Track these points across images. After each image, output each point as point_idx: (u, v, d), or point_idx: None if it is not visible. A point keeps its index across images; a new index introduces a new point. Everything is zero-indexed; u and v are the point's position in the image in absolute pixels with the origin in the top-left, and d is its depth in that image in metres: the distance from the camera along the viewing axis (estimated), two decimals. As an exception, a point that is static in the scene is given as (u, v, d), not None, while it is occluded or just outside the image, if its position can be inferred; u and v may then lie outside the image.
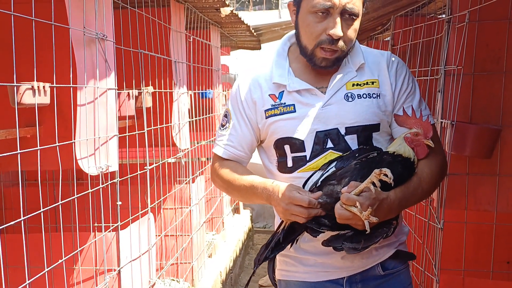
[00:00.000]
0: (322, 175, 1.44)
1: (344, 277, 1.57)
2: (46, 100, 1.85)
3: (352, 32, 1.48)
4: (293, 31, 1.60)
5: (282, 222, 1.51)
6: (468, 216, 2.39)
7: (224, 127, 1.66)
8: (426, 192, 1.51)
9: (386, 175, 1.34)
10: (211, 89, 4.68)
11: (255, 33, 5.91)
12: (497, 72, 2.22)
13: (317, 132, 1.52)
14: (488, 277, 2.47)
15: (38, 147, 1.65)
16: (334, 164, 1.46)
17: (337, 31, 1.44)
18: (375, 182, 1.34)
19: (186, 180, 3.62)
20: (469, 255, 2.46)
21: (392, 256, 1.59)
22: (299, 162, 1.54)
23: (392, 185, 1.36)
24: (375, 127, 1.53)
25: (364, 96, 1.54)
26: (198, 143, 4.20)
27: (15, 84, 1.63)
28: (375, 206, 1.33)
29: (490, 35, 2.22)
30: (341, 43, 1.47)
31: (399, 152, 1.46)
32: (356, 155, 1.46)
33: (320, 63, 1.51)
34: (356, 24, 1.49)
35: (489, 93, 2.23)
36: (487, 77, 2.23)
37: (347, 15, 1.45)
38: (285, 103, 1.56)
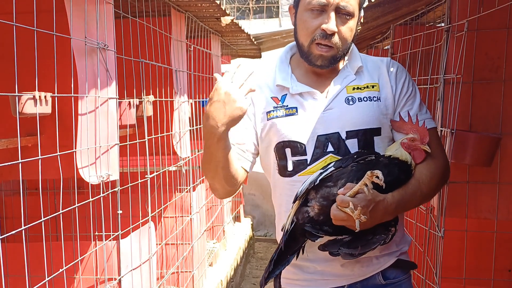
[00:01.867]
0: (321, 174, 1.44)
1: (344, 286, 1.57)
2: (47, 109, 1.86)
3: (347, 30, 1.51)
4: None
5: (282, 236, 1.51)
6: (468, 224, 2.39)
7: None
8: (426, 195, 1.51)
9: (377, 177, 1.34)
10: (212, 97, 4.68)
11: (255, 42, 5.93)
12: (496, 80, 2.23)
13: (318, 135, 1.53)
14: (489, 286, 2.46)
15: (39, 156, 1.66)
16: (332, 164, 1.47)
17: (331, 25, 1.47)
18: (367, 184, 1.35)
19: (186, 188, 3.62)
20: (470, 263, 2.46)
21: (393, 265, 1.59)
22: (300, 166, 1.54)
23: (384, 187, 1.36)
24: (376, 131, 1.54)
25: (365, 99, 1.55)
26: (198, 152, 4.20)
27: (16, 94, 1.64)
28: (370, 208, 1.34)
29: (489, 44, 2.23)
30: (335, 39, 1.49)
31: (395, 156, 1.46)
32: (355, 156, 1.46)
33: (316, 60, 1.53)
34: (351, 23, 1.51)
35: (488, 102, 2.24)
36: (486, 85, 2.24)
37: (341, 13, 1.48)
38: (287, 106, 1.57)
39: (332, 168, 1.44)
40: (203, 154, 1.50)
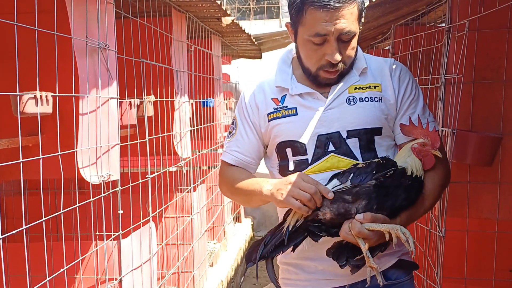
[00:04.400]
0: (335, 186, 1.43)
1: (345, 285, 1.57)
2: (48, 109, 1.86)
3: (351, 51, 1.51)
4: None
5: (284, 221, 1.49)
6: (469, 224, 2.39)
7: (231, 134, 1.69)
8: (428, 208, 1.52)
9: (408, 242, 1.34)
10: (212, 98, 4.70)
11: (256, 42, 5.93)
12: (497, 80, 2.23)
13: (318, 135, 1.53)
14: (490, 286, 2.45)
15: (40, 156, 1.66)
16: (350, 177, 1.43)
17: (336, 56, 1.46)
18: (391, 234, 1.35)
19: (187, 188, 3.62)
20: (471, 264, 2.45)
21: (395, 265, 1.58)
22: (301, 165, 1.55)
23: (411, 253, 1.39)
24: (377, 131, 1.54)
25: (366, 99, 1.55)
26: (199, 152, 4.21)
27: (18, 93, 1.64)
28: (380, 241, 1.37)
29: (489, 43, 2.23)
30: (340, 64, 1.50)
31: (411, 168, 1.44)
32: (374, 172, 1.42)
33: (324, 81, 1.54)
34: (354, 42, 1.50)
35: (489, 102, 2.23)
36: (487, 85, 2.24)
37: (344, 39, 1.47)
38: (287, 106, 1.58)
39: (349, 184, 1.42)
40: (240, 197, 1.65)
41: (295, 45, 1.60)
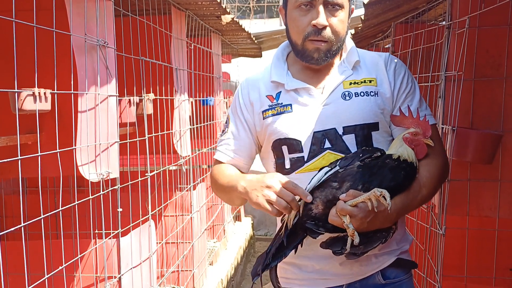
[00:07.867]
0: (326, 173, 1.41)
1: (343, 285, 1.55)
2: (47, 106, 1.85)
3: (338, 23, 1.50)
4: None
5: (281, 226, 1.49)
6: (470, 222, 2.38)
7: (224, 132, 1.67)
8: (426, 197, 1.49)
9: (384, 197, 1.31)
10: (212, 96, 4.69)
11: (256, 41, 5.93)
12: (497, 77, 2.22)
13: (314, 132, 1.51)
14: (491, 284, 2.45)
15: (39, 154, 1.65)
16: (338, 162, 1.43)
17: (320, 20, 1.47)
18: (372, 200, 1.32)
19: (187, 187, 3.61)
20: (471, 262, 2.45)
21: (393, 264, 1.57)
22: (297, 163, 1.53)
23: (389, 209, 1.32)
24: (374, 126, 1.52)
25: (362, 94, 1.53)
26: (199, 150, 4.20)
27: (16, 90, 1.64)
28: (369, 218, 1.32)
29: (490, 41, 2.22)
30: (328, 33, 1.49)
31: (402, 156, 1.42)
32: (360, 155, 1.42)
33: (312, 54, 1.52)
34: (342, 15, 1.50)
35: (489, 99, 2.23)
36: (487, 82, 2.23)
37: (330, 6, 1.48)
38: (282, 103, 1.56)
39: (337, 168, 1.41)
40: (223, 194, 1.63)
41: (285, 27, 1.59)
